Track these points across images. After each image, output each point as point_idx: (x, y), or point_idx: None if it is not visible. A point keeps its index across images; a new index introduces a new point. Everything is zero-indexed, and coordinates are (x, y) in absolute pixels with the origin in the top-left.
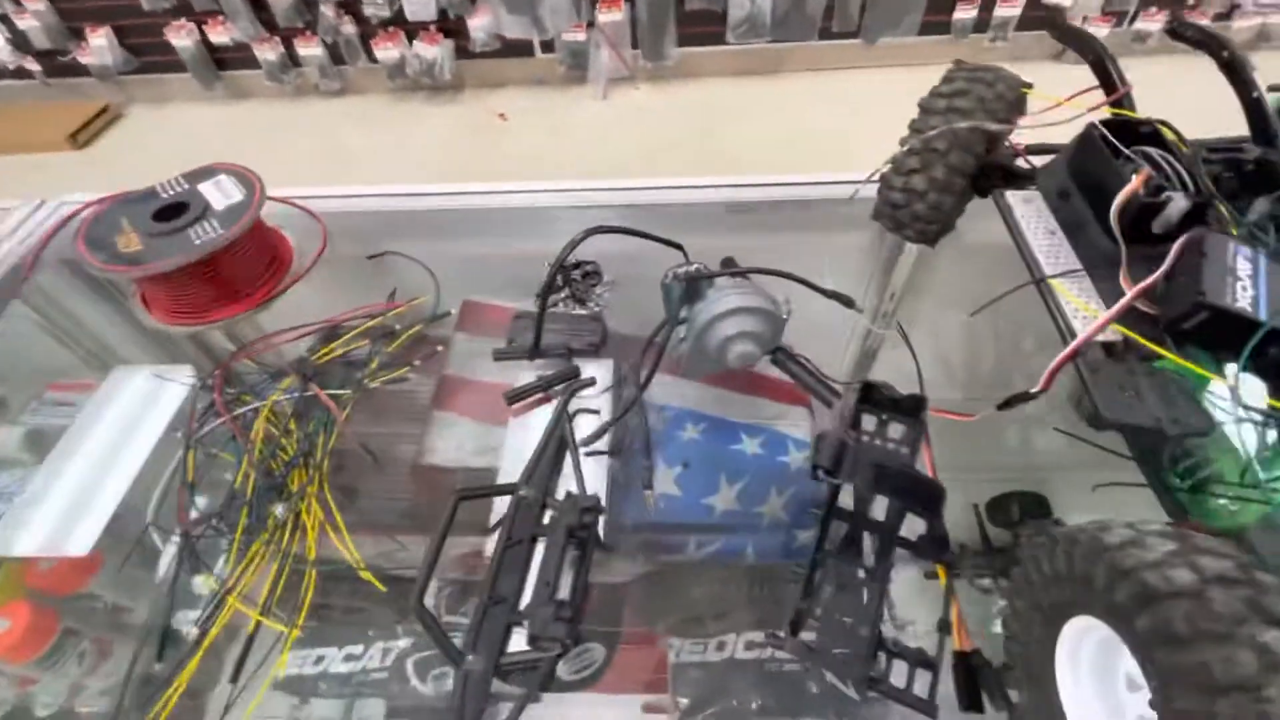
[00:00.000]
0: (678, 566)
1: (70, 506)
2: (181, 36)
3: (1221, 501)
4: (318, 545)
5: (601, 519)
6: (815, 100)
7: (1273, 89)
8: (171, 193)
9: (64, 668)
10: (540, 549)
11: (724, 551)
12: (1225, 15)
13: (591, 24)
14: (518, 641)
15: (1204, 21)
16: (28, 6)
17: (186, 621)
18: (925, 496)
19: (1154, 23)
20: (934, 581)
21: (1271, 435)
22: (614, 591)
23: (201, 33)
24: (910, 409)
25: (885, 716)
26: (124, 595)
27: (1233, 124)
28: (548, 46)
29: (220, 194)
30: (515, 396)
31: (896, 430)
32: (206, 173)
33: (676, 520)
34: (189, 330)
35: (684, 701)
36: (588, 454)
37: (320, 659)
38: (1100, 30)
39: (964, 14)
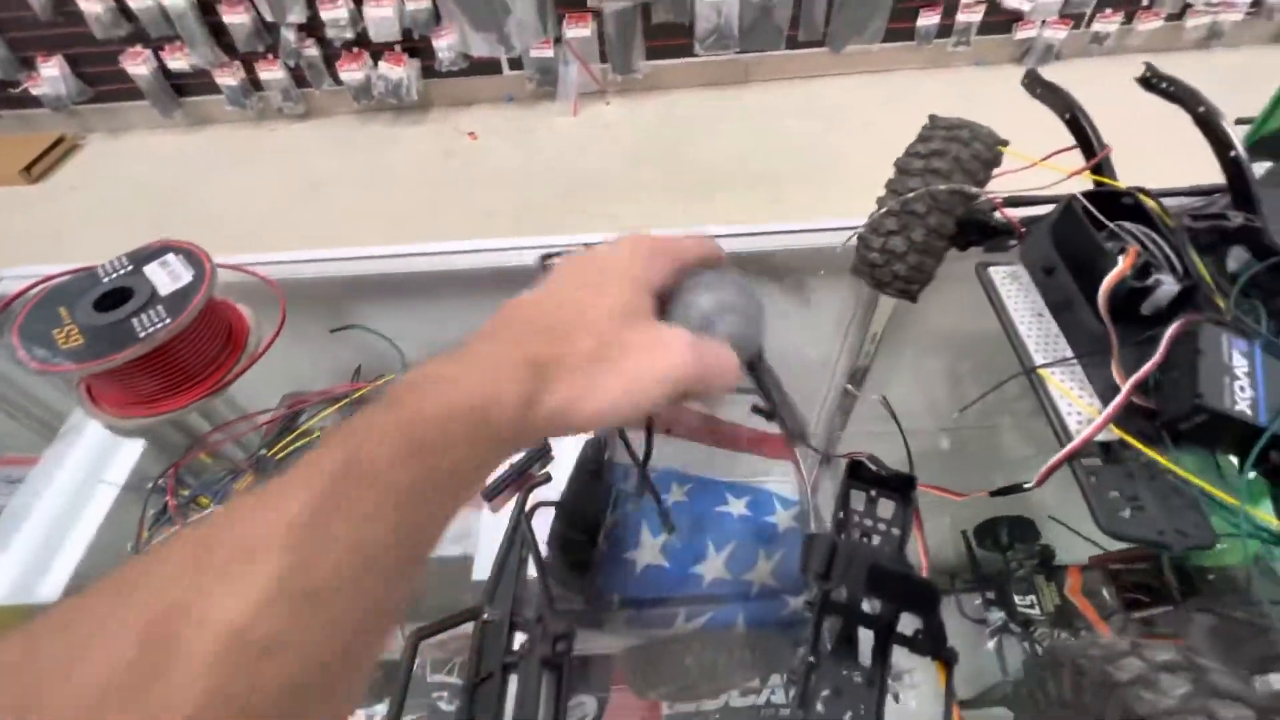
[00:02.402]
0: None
1: (34, 555)
2: (138, 64)
3: None
4: None
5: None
6: (784, 110)
7: (1240, 123)
8: (114, 275)
9: None
10: (513, 683)
11: (714, 622)
12: (1178, 16)
13: (559, 40)
14: None
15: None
16: None
17: None
18: (920, 597)
19: (1110, 24)
20: None
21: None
22: (605, 661)
23: (159, 59)
24: (899, 487)
25: None
26: None
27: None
28: (515, 64)
29: (167, 276)
30: (493, 492)
31: (886, 509)
32: (152, 253)
33: (665, 593)
34: (138, 424)
35: None
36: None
37: None
38: (1059, 33)
39: (927, 20)
